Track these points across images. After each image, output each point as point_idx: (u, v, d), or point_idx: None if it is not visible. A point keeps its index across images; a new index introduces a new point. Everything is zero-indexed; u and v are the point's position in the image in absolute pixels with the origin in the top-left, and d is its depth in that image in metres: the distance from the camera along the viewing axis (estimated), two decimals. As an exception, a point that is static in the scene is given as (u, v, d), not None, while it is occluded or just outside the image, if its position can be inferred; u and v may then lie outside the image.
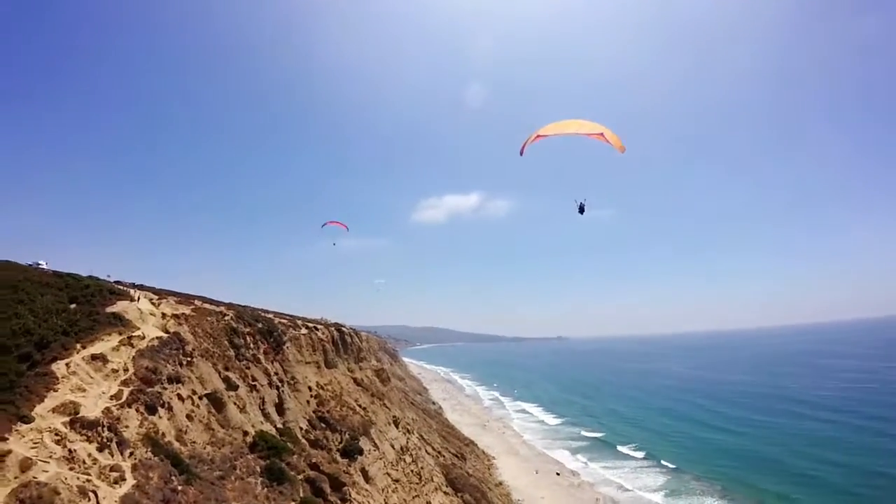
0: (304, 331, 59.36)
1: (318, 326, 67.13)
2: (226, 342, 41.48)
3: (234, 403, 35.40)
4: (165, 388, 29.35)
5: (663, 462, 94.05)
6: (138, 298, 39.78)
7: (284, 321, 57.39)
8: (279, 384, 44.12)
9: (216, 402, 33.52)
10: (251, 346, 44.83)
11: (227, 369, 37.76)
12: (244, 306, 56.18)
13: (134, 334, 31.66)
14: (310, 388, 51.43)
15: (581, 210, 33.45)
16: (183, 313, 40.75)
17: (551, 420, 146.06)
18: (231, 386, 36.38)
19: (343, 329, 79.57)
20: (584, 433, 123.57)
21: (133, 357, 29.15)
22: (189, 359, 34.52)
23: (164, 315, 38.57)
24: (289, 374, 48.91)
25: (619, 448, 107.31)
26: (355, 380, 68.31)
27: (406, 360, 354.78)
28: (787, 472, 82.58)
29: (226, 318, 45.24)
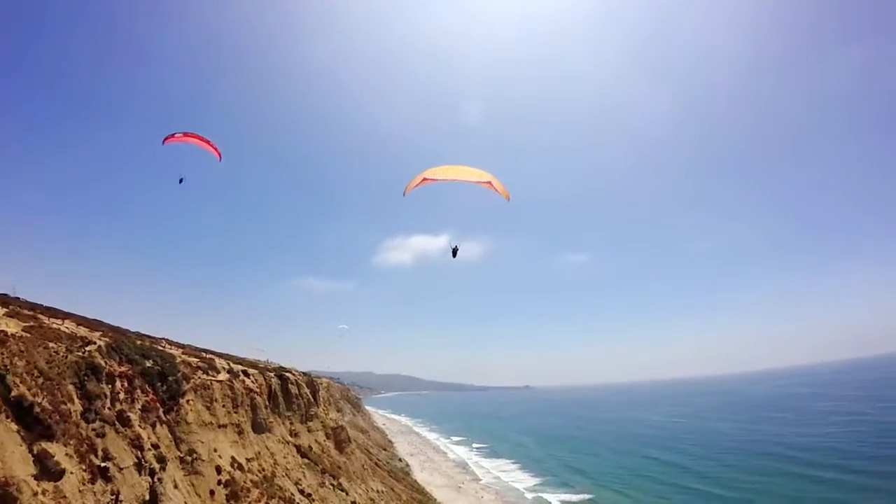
0: (222, 376, 42.09)
1: (249, 371, 50.23)
2: (70, 388, 25.53)
3: (43, 506, 19.59)
4: None
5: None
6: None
7: (195, 360, 40.66)
8: (158, 464, 27.21)
9: (-3, 505, 17.89)
10: (120, 396, 28.61)
11: (50, 437, 21.98)
12: (133, 333, 39.83)
13: None
14: (219, 470, 32.99)
15: (454, 253, 33.93)
16: (3, 331, 24.88)
17: (531, 479, 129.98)
18: (48, 471, 20.55)
19: (287, 375, 62.50)
20: (571, 497, 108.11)
21: None
22: (-35, 417, 19.07)
23: (-42, 334, 22.90)
24: (184, 444, 31.34)
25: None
26: (299, 448, 50.73)
27: (370, 409, 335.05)
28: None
29: (87, 347, 29.35)
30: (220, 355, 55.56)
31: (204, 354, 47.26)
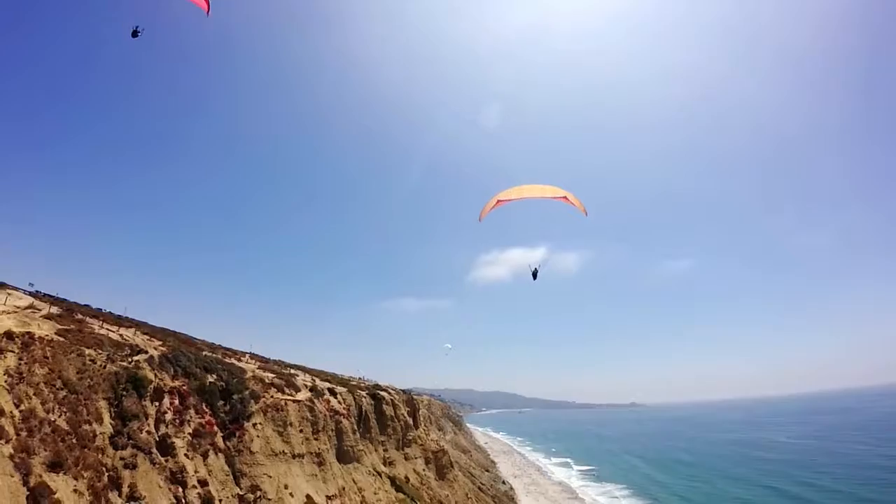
0: (301, 395, 36.48)
1: (336, 390, 44.46)
2: (101, 404, 21.03)
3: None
4: None
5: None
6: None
7: (269, 376, 35.61)
8: None
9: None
10: (167, 417, 23.83)
11: (57, 466, 17.08)
12: (204, 344, 35.76)
13: None
14: (290, 512, 26.27)
15: (534, 276, 33.14)
16: (29, 332, 20.92)
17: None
18: (41, 514, 15.55)
19: (381, 394, 55.71)
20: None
21: None
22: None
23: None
24: (245, 479, 25.77)
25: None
26: (394, 480, 44.23)
27: (471, 426, 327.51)
28: None
29: (135, 357, 24.96)
30: (307, 370, 51.13)
31: (284, 370, 42.60)
